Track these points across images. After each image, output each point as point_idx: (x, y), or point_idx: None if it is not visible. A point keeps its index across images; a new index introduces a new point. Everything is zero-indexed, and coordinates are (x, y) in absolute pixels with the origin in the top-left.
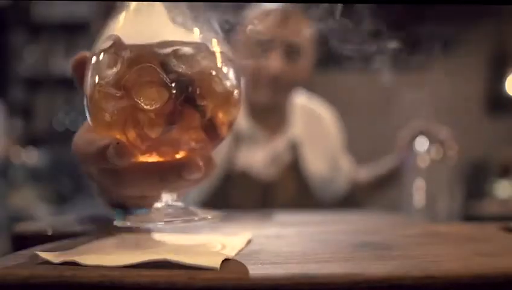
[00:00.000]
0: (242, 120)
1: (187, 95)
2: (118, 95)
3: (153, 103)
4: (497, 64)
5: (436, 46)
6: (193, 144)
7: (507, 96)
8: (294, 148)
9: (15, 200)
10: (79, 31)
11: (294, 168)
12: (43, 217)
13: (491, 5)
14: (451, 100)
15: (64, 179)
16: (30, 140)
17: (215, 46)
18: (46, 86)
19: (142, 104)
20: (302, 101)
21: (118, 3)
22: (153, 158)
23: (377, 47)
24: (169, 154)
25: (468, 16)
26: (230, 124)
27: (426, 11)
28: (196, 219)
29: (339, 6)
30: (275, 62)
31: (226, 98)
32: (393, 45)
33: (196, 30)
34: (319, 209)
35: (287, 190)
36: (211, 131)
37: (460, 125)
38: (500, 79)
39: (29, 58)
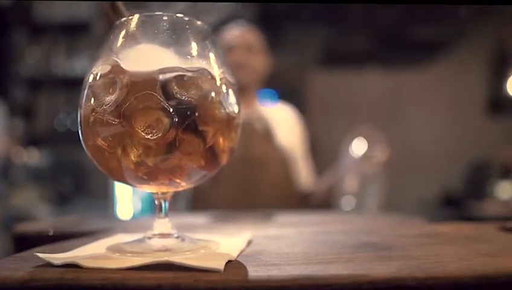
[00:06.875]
0: None
1: (189, 122)
2: (115, 122)
3: (155, 132)
4: (498, 65)
5: (437, 47)
6: (191, 171)
7: (508, 97)
8: (265, 121)
9: (16, 201)
10: (80, 32)
11: (266, 135)
12: (44, 217)
13: (492, 5)
14: (452, 101)
15: (65, 179)
16: (31, 140)
17: (216, 70)
18: (48, 86)
19: (143, 134)
20: (271, 104)
21: (118, 18)
22: (149, 186)
23: (378, 48)
24: (166, 181)
25: (469, 16)
26: (230, 152)
27: (427, 11)
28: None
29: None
30: (237, 55)
31: (227, 123)
32: (394, 46)
33: (195, 52)
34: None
35: (263, 154)
36: (211, 158)
37: (461, 126)
38: (501, 80)
39: (31, 58)
